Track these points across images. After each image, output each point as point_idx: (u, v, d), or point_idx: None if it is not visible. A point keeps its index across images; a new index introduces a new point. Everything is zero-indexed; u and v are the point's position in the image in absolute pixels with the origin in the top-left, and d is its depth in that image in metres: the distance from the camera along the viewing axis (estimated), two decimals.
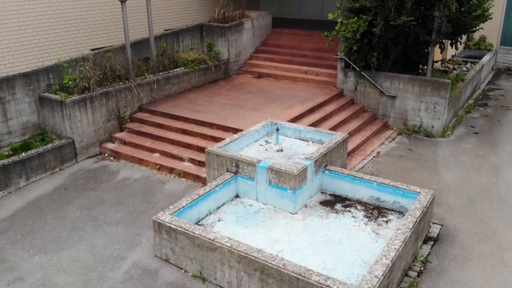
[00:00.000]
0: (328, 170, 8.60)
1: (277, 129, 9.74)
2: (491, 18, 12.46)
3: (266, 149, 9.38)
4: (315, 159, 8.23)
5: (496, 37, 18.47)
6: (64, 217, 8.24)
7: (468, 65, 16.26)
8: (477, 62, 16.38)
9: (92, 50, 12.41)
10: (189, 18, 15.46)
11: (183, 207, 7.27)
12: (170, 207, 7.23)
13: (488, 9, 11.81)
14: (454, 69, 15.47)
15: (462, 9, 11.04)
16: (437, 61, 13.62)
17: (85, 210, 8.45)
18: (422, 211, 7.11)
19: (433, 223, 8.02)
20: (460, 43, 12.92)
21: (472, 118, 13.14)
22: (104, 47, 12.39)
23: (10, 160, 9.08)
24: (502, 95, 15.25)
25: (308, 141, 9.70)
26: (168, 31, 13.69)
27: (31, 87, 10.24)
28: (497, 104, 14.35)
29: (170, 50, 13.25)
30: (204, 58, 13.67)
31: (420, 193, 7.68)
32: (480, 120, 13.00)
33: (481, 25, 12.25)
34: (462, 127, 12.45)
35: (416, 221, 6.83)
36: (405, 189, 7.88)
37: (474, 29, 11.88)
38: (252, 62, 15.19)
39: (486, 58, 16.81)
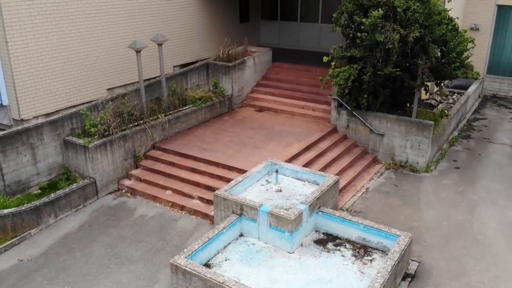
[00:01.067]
0: (322, 211, 9.82)
1: (277, 171, 10.97)
2: (471, 66, 13.67)
3: (267, 189, 10.60)
4: (309, 204, 9.46)
5: (483, 66, 19.69)
6: (91, 254, 9.46)
7: (454, 96, 17.51)
8: (463, 93, 17.59)
9: (108, 89, 13.65)
10: (194, 53, 16.67)
11: (195, 250, 8.48)
12: (185, 250, 8.44)
13: (467, 58, 12.98)
14: (440, 101, 16.70)
15: (443, 60, 12.27)
16: (423, 100, 14.82)
17: (109, 247, 9.68)
18: (400, 254, 8.33)
19: (412, 260, 9.24)
20: (444, 86, 14.14)
21: (455, 151, 14.36)
22: (119, 86, 13.65)
23: (42, 201, 10.32)
24: (485, 126, 16.48)
25: (304, 181, 10.92)
26: (177, 72, 14.91)
27: (57, 132, 11.48)
28: (480, 136, 15.57)
29: (180, 89, 14.51)
30: (210, 95, 14.93)
31: (400, 236, 8.90)
32: (463, 153, 14.22)
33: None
34: (445, 161, 13.67)
35: (394, 264, 8.05)
36: (387, 231, 9.10)
37: (455, 77, 13.08)
38: (254, 95, 16.42)
39: (472, 88, 18.03)
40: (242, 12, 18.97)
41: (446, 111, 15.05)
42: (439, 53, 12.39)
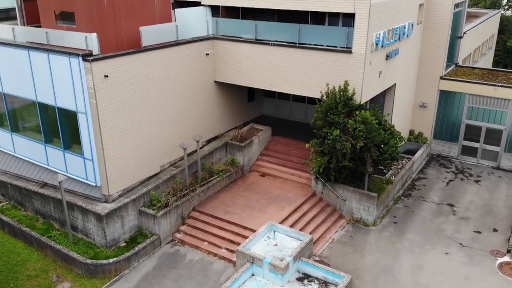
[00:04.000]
0: (301, 260, 16.40)
1: (274, 231, 17.56)
2: (402, 158, 20.25)
3: (268, 244, 17.18)
4: (293, 256, 16.04)
5: (430, 133, 26.23)
6: (165, 286, 16.05)
7: (404, 161, 24.03)
8: (411, 158, 24.10)
9: (160, 166, 20.22)
10: (216, 130, 23.20)
11: (228, 285, 15.05)
12: (222, 286, 14.99)
13: (397, 154, 19.39)
14: (390, 168, 23.19)
15: (380, 158, 18.79)
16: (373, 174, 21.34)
17: (174, 282, 16.27)
18: (345, 286, 14.91)
19: None
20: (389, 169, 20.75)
21: (397, 208, 20.93)
22: (168, 162, 20.26)
23: (131, 253, 16.95)
24: (424, 185, 23.03)
25: (292, 238, 17.50)
26: (206, 152, 21.46)
27: (135, 205, 18.08)
28: (417, 195, 22.13)
29: (208, 164, 21.11)
30: (229, 168, 21.54)
31: (344, 276, 15.48)
32: (401, 210, 20.79)
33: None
34: (388, 217, 20.24)
35: None
36: (337, 273, 15.68)
37: (389, 167, 19.63)
38: (258, 163, 23.01)
39: (419, 153, 24.54)
40: (249, 93, 25.53)
41: (392, 177, 21.61)
42: (378, 152, 18.88)
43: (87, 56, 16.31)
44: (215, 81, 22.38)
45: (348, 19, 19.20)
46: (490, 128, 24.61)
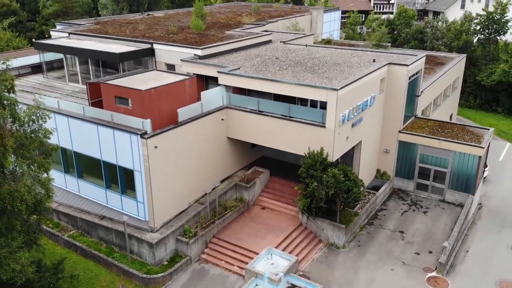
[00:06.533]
0: (289, 275, 23.94)
1: (271, 254, 25.11)
2: (369, 193, 27.83)
3: (267, 263, 24.74)
4: (284, 272, 23.58)
5: (392, 172, 33.78)
6: None
7: (369, 196, 31.51)
8: (375, 193, 31.60)
9: (188, 203, 27.72)
10: (227, 172, 30.71)
11: None
12: None
13: (360, 197, 26.96)
14: (358, 202, 30.67)
15: (346, 201, 26.26)
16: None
17: None
18: None
19: None
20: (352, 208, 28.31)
21: (361, 234, 28.46)
22: (193, 200, 27.78)
23: (173, 269, 24.46)
24: (384, 215, 30.58)
25: (284, 258, 25.04)
26: (222, 192, 28.99)
27: (174, 235, 25.59)
28: (378, 223, 29.67)
29: (223, 201, 28.64)
30: (238, 204, 29.08)
31: (318, 286, 23.02)
32: (364, 236, 28.33)
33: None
34: (354, 242, 27.77)
35: None
36: (314, 284, 23.21)
37: (354, 208, 27.14)
38: (260, 198, 30.57)
39: (382, 188, 32.09)
40: None
41: (359, 210, 29.15)
42: (345, 196, 26.30)
43: (143, 135, 23.85)
44: (227, 137, 29.89)
45: (324, 102, 26.72)
46: (437, 170, 32.20)
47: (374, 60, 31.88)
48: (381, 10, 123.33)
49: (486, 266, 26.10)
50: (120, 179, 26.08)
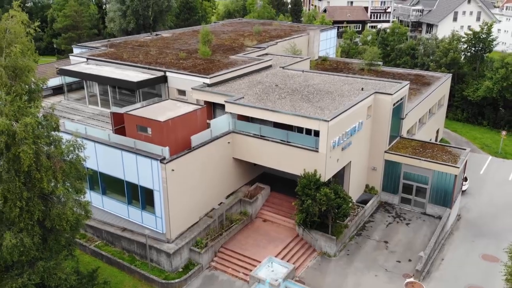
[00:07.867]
0: (287, 280, 27.98)
1: (272, 262, 29.16)
2: (358, 207, 31.87)
3: (268, 270, 28.77)
4: (282, 279, 27.63)
5: (379, 187, 37.81)
6: None
7: (359, 209, 35.51)
8: (363, 206, 35.58)
9: (199, 217, 31.74)
10: (233, 187, 34.71)
11: None
12: None
13: (349, 212, 31.00)
14: (348, 214, 34.70)
15: (337, 216, 30.28)
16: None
17: None
18: None
19: None
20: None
21: (350, 244, 32.48)
22: (203, 214, 31.78)
23: (186, 276, 28.50)
24: (371, 227, 34.59)
25: (282, 266, 29.08)
26: (229, 207, 33.00)
27: (191, 247, 29.65)
28: (366, 234, 33.68)
29: (230, 215, 32.66)
30: (242, 217, 33.10)
31: None
32: (353, 246, 32.34)
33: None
34: (344, 251, 31.79)
35: None
36: None
37: (343, 221, 31.15)
38: (262, 212, 34.60)
39: (370, 202, 36.10)
40: None
41: (349, 222, 33.15)
42: (336, 211, 30.31)
43: (163, 160, 27.87)
44: (233, 157, 33.89)
45: (317, 130, 30.71)
46: (418, 186, 36.24)
47: (362, 89, 35.91)
48: (378, 19, 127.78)
49: (458, 273, 30.16)
50: (141, 196, 30.09)
